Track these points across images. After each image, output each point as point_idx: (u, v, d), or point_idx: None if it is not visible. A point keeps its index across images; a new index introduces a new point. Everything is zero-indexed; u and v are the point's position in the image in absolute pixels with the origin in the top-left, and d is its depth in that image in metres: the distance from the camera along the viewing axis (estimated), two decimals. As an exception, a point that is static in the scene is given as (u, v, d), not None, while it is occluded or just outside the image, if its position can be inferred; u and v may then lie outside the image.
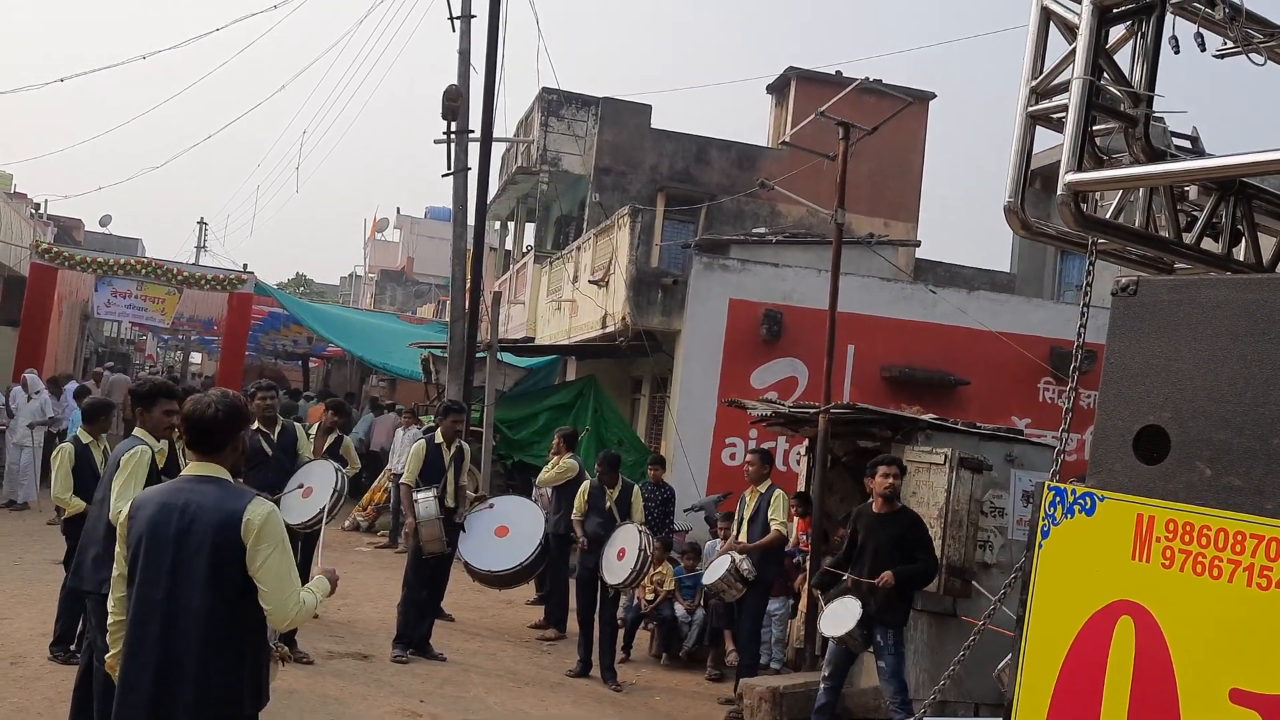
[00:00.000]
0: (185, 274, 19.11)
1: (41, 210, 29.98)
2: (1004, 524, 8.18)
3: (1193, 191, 3.39)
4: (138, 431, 5.36)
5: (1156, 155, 3.12)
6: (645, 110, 19.93)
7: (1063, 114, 3.10)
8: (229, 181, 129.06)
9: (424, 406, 15.34)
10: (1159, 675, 2.58)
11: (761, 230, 17.54)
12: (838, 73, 19.63)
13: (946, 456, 7.97)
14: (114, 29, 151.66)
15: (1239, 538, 2.36)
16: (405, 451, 10.83)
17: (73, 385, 15.77)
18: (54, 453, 7.24)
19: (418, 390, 19.90)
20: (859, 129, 8.67)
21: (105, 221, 40.73)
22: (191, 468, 3.56)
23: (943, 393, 13.88)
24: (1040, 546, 2.95)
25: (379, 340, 20.42)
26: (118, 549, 3.53)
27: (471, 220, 14.15)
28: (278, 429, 8.16)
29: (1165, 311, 2.80)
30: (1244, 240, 3.40)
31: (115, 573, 3.54)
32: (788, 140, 10.00)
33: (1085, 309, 3.14)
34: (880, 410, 8.86)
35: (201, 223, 46.48)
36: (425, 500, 8.17)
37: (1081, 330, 3.12)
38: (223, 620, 3.39)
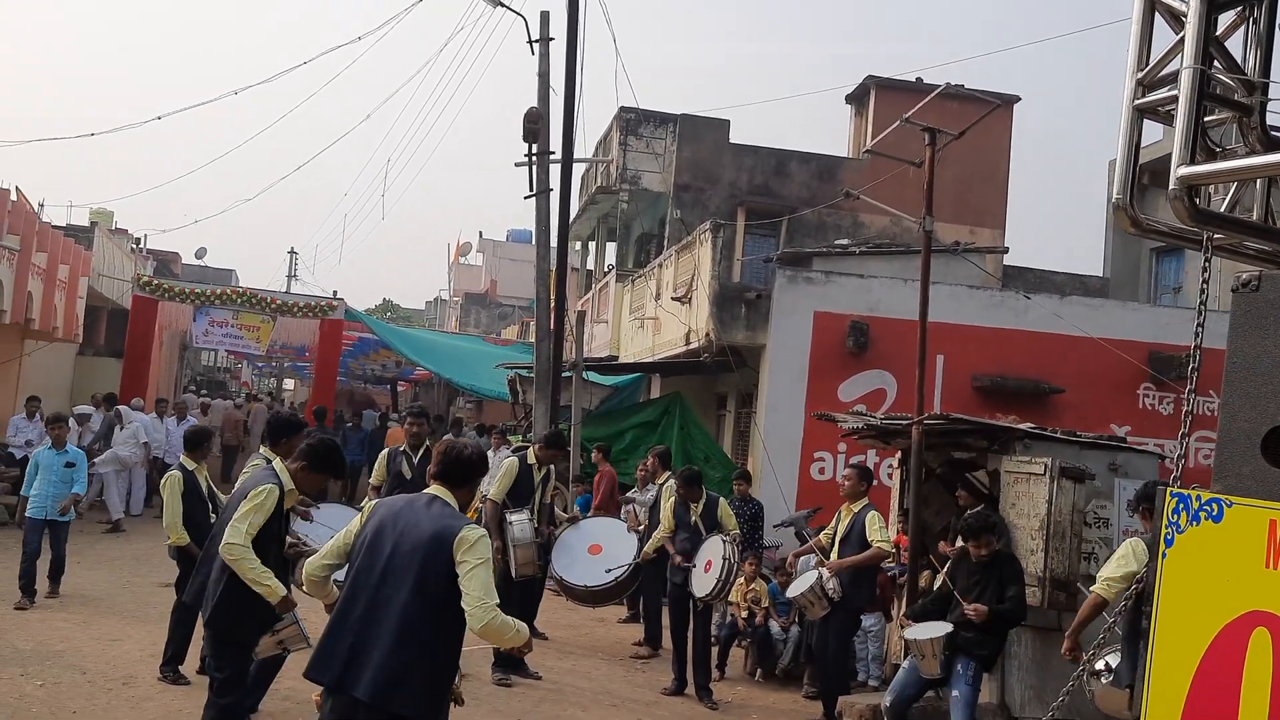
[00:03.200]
0: (278, 302, 19.62)
1: (141, 245, 31.12)
2: (1109, 535, 7.90)
3: (1313, 182, 3.24)
4: (278, 465, 5.31)
5: (1274, 144, 2.98)
6: (723, 125, 19.90)
7: (1171, 106, 2.98)
8: (317, 211, 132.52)
9: (513, 427, 15.46)
10: (1300, 690, 2.45)
11: (844, 242, 17.36)
12: (918, 80, 19.38)
13: (1046, 466, 7.74)
14: (205, 65, 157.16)
15: (1387, 542, 2.23)
16: (496, 472, 10.93)
17: (187, 420, 16.09)
18: (163, 481, 7.50)
19: (504, 411, 20.11)
20: (946, 134, 8.52)
21: (201, 254, 42.12)
22: (433, 489, 4.06)
23: (1036, 401, 13.52)
24: (1164, 556, 2.83)
25: (466, 362, 20.69)
26: (351, 531, 4.07)
27: (554, 241, 14.25)
28: (420, 454, 8.47)
29: (1292, 306, 2.67)
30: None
31: (334, 543, 4.13)
32: (871, 149, 9.86)
33: (1202, 307, 3.02)
34: (976, 420, 8.65)
35: (292, 252, 47.71)
36: (521, 523, 8.12)
37: (1199, 329, 2.99)
38: (417, 617, 3.76)
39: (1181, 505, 2.82)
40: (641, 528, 9.45)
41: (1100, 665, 5.38)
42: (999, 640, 6.73)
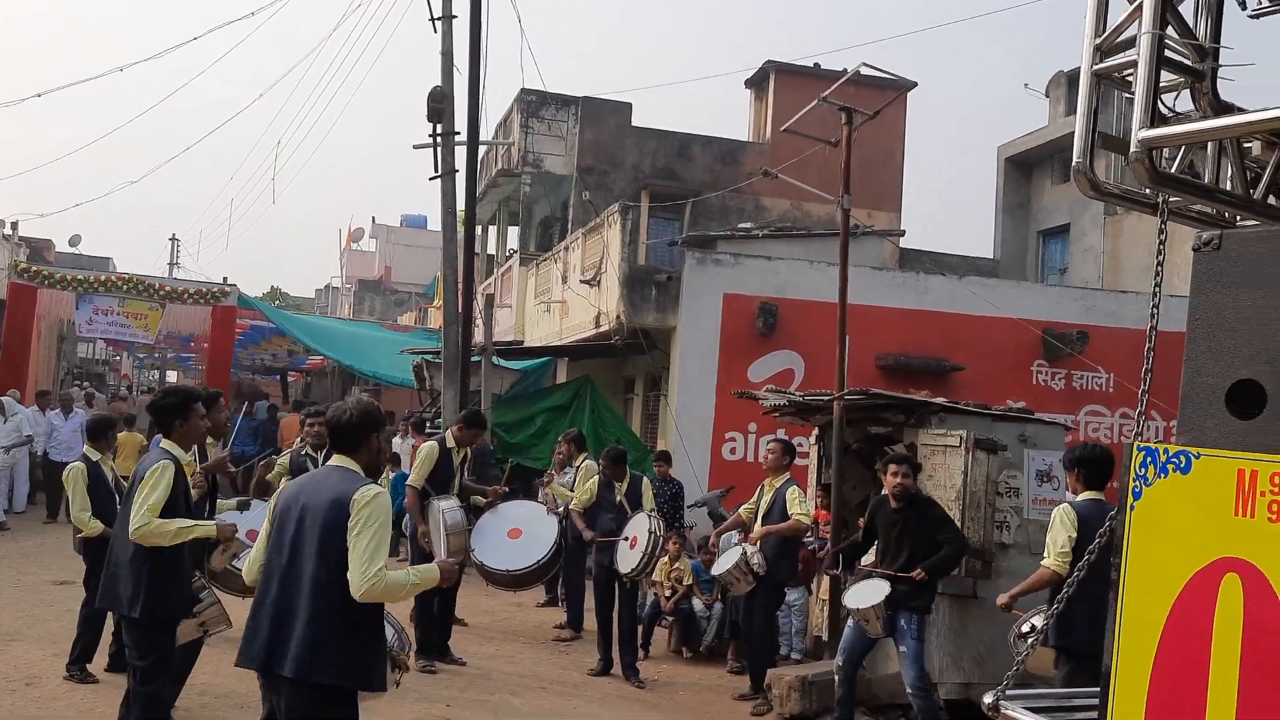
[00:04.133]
0: (168, 289, 18.87)
1: (12, 233, 29.52)
2: (1020, 504, 8.15)
3: (1255, 147, 3.35)
4: (165, 444, 5.15)
5: (1224, 109, 3.08)
6: (625, 108, 19.88)
7: (1129, 71, 3.05)
8: (202, 197, 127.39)
9: (421, 413, 15.17)
10: (1272, 632, 2.53)
11: (748, 225, 17.53)
12: (815, 65, 19.70)
13: (962, 438, 7.94)
14: (87, 44, 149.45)
15: (1360, 486, 2.32)
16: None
17: (75, 414, 15.33)
18: (66, 473, 7.11)
19: (404, 399, 19.71)
20: (862, 113, 8.64)
21: (75, 241, 40.13)
22: (333, 460, 4.08)
23: (938, 379, 13.88)
24: (1132, 509, 2.89)
25: (365, 349, 20.23)
26: (265, 523, 4.04)
27: (461, 226, 14.01)
28: (324, 454, 8.11)
29: (1253, 264, 2.76)
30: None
31: (259, 539, 4.10)
32: (789, 129, 9.95)
33: (1159, 268, 3.10)
34: (894, 395, 8.82)
35: (174, 239, 45.97)
36: (452, 510, 7.84)
37: (1156, 287, 3.07)
38: (328, 586, 3.75)
39: (1149, 459, 2.88)
40: (561, 510, 9.39)
41: (1027, 627, 5.54)
42: (932, 587, 6.87)
